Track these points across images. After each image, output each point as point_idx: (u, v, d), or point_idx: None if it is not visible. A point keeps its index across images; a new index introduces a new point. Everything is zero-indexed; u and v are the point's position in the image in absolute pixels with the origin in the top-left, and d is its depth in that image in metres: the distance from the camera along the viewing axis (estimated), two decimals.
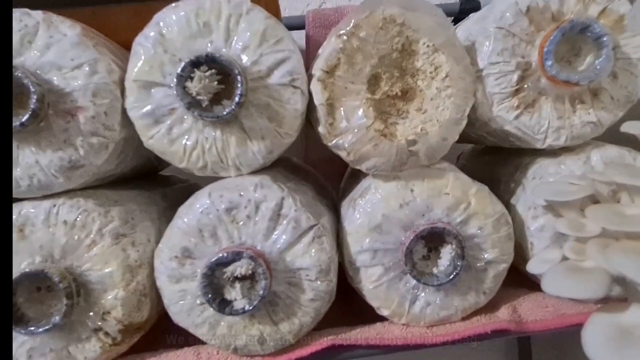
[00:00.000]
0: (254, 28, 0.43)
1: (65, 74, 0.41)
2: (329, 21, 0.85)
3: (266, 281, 0.42)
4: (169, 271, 0.44)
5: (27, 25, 0.41)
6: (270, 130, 0.44)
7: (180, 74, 0.41)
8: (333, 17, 0.85)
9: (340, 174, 0.84)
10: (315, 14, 0.84)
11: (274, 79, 0.44)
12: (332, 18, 0.85)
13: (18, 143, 0.41)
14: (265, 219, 0.44)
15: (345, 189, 0.63)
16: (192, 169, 0.45)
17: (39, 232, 0.42)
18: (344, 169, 0.86)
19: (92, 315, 0.43)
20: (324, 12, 0.86)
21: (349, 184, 0.61)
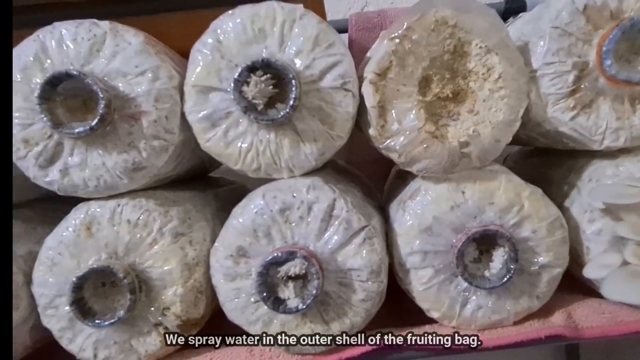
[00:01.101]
0: (307, 33, 0.44)
1: (130, 80, 0.44)
2: (372, 24, 0.86)
3: (319, 281, 0.42)
4: (224, 269, 0.45)
5: (95, 35, 0.44)
6: (323, 132, 0.45)
7: (237, 79, 0.42)
8: (376, 19, 0.86)
9: (384, 176, 0.84)
10: (358, 17, 0.85)
11: (326, 83, 0.45)
12: (375, 21, 0.86)
13: (87, 146, 0.44)
14: (317, 219, 0.45)
15: (391, 190, 0.63)
16: (247, 170, 0.46)
17: (105, 231, 0.45)
18: (387, 170, 0.86)
19: (153, 311, 0.45)
20: (367, 15, 0.86)
21: (396, 185, 0.61)
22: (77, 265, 0.45)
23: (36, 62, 0.43)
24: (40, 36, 0.44)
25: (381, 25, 0.85)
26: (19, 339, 0.47)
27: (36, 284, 0.46)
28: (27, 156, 0.44)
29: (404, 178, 0.58)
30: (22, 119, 0.43)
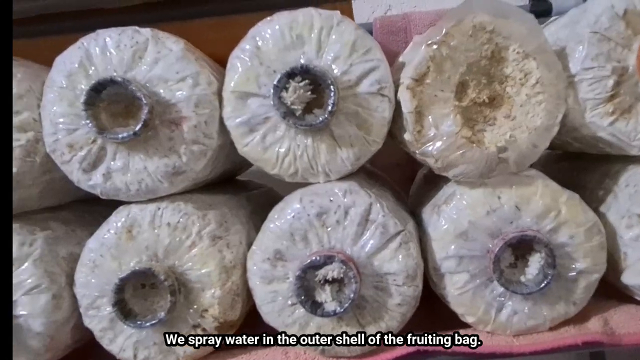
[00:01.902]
0: (344, 39, 0.45)
1: (171, 86, 0.45)
2: (396, 27, 0.86)
3: (356, 285, 0.43)
4: (261, 272, 0.46)
5: (138, 42, 0.45)
6: (359, 137, 0.46)
7: (277, 85, 0.43)
8: (401, 23, 0.86)
9: (407, 180, 0.84)
10: (383, 21, 0.85)
11: (363, 88, 0.45)
12: (400, 24, 0.86)
13: (129, 151, 0.45)
14: (354, 224, 0.45)
15: (421, 194, 0.64)
16: (283, 175, 0.47)
17: (145, 233, 0.46)
18: (411, 174, 0.86)
19: (191, 312, 0.46)
20: (392, 18, 0.86)
21: (425, 190, 0.61)
22: (118, 267, 0.46)
23: (81, 68, 0.44)
24: (85, 43, 0.45)
25: (406, 29, 0.86)
26: (60, 338, 0.48)
27: (78, 285, 0.47)
28: (71, 160, 0.45)
29: (434, 182, 0.58)
30: (66, 124, 0.44)
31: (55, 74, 0.45)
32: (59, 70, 0.45)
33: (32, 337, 0.46)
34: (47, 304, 0.46)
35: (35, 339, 0.46)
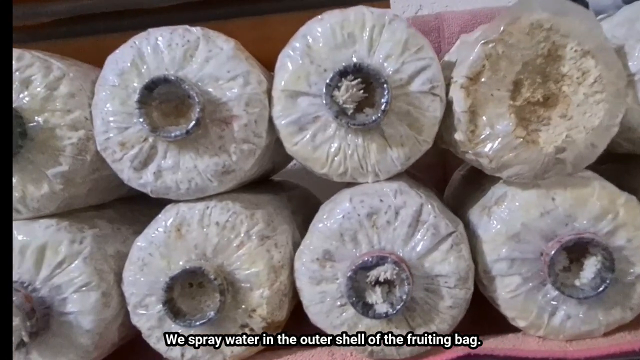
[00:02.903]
0: (396, 37, 0.44)
1: (222, 85, 0.45)
2: (429, 27, 0.85)
3: (409, 287, 0.42)
4: (310, 273, 0.46)
5: (189, 41, 0.45)
6: (410, 137, 0.45)
7: (329, 84, 0.43)
8: (433, 23, 0.85)
9: (439, 181, 0.83)
10: (415, 21, 0.84)
11: (414, 87, 0.45)
12: (433, 24, 0.85)
13: (179, 150, 0.45)
14: (404, 224, 0.44)
15: (460, 196, 0.63)
16: (332, 174, 0.47)
17: (194, 232, 0.46)
18: (444, 176, 0.85)
19: (239, 312, 0.46)
20: (424, 18, 0.85)
21: (467, 191, 0.60)
22: (167, 266, 0.46)
23: (133, 67, 0.45)
24: (137, 42, 0.45)
25: (438, 29, 0.85)
26: (108, 336, 0.48)
27: (127, 283, 0.47)
28: (122, 159, 0.45)
29: (477, 183, 0.57)
30: (118, 122, 0.45)
31: (107, 73, 0.45)
32: (111, 69, 0.45)
33: (82, 335, 0.46)
34: (96, 301, 0.46)
35: (84, 336, 0.46)
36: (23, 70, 0.45)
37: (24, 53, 0.46)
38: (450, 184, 0.77)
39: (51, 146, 0.45)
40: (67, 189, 0.47)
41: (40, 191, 0.46)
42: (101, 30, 0.71)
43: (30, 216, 0.47)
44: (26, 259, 0.45)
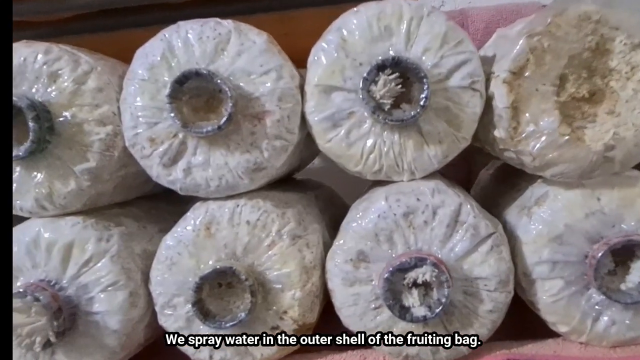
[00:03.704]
0: (435, 30, 0.43)
1: (254, 79, 0.43)
2: None
3: (448, 289, 0.40)
4: (343, 274, 0.44)
5: (220, 34, 0.43)
6: (449, 134, 0.44)
7: (366, 78, 0.41)
8: (458, 19, 0.83)
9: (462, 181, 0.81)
10: None
11: (453, 82, 0.43)
12: (457, 20, 0.83)
13: (210, 146, 0.43)
14: (442, 225, 0.43)
15: (491, 195, 0.61)
16: (366, 172, 0.45)
17: (224, 231, 0.44)
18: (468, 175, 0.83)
19: (270, 314, 0.44)
20: (449, 14, 0.84)
21: (499, 190, 0.58)
22: (196, 265, 0.44)
23: (163, 61, 0.43)
24: (167, 35, 0.44)
25: (462, 25, 0.83)
26: (135, 337, 0.47)
27: (154, 283, 0.46)
28: (151, 155, 0.44)
29: (510, 183, 0.55)
30: (147, 117, 0.43)
31: (136, 67, 0.44)
32: (141, 62, 0.44)
33: (109, 335, 0.45)
34: (124, 301, 0.45)
35: (111, 336, 0.45)
36: (51, 64, 0.44)
37: (51, 46, 0.45)
38: (477, 183, 0.75)
39: (79, 142, 0.44)
40: (94, 186, 0.46)
41: (67, 188, 0.45)
42: (123, 25, 0.70)
43: (56, 213, 0.46)
44: (53, 257, 0.44)
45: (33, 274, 0.45)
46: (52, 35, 0.69)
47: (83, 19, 0.68)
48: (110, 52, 0.54)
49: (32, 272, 0.45)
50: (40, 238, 0.45)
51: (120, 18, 0.70)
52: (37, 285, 0.43)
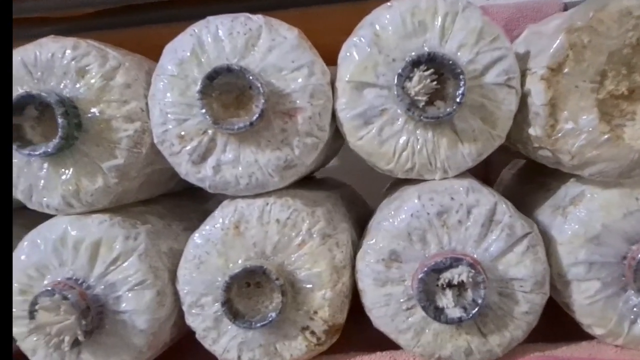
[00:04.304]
0: (471, 26, 0.42)
1: (285, 75, 0.42)
2: None
3: (485, 290, 0.40)
4: (374, 274, 0.43)
5: (251, 29, 0.43)
6: (484, 131, 0.43)
7: (401, 74, 0.40)
8: None
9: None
10: None
11: (489, 78, 0.42)
12: None
13: (239, 143, 0.43)
14: (477, 224, 0.42)
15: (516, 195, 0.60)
16: (398, 170, 0.44)
17: (253, 230, 0.44)
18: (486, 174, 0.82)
19: (300, 314, 0.44)
20: None
21: (525, 189, 0.57)
22: (224, 264, 0.44)
23: (193, 56, 0.43)
24: (196, 30, 0.43)
25: None
26: (161, 336, 0.46)
27: (182, 282, 0.45)
28: (181, 152, 0.43)
29: (539, 182, 0.54)
30: (177, 114, 0.43)
31: (165, 62, 0.44)
32: (170, 58, 0.43)
33: (136, 335, 0.44)
34: (151, 300, 0.44)
35: (138, 336, 0.44)
36: (79, 60, 0.43)
37: (79, 42, 0.44)
38: (499, 182, 0.74)
39: (106, 138, 0.44)
40: (121, 183, 0.45)
41: (94, 185, 0.44)
42: (143, 22, 0.69)
43: (83, 211, 0.46)
44: (80, 255, 0.44)
45: (60, 272, 0.44)
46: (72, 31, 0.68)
47: (103, 15, 0.68)
48: (130, 49, 0.53)
49: (59, 270, 0.44)
50: (68, 236, 0.44)
51: (140, 14, 0.69)
52: (64, 283, 0.43)
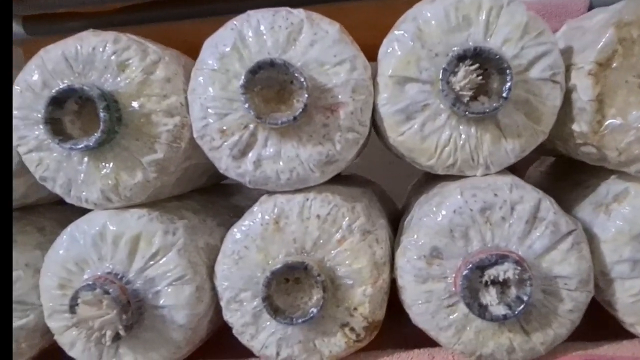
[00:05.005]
0: (516, 20, 0.41)
1: (327, 70, 0.42)
2: None
3: (531, 288, 0.39)
4: (415, 271, 0.43)
5: (292, 23, 0.42)
6: (528, 127, 0.42)
7: (446, 69, 0.40)
8: None
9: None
10: None
11: (534, 74, 0.42)
12: None
13: (281, 138, 0.42)
14: (521, 221, 0.41)
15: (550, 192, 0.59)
16: (439, 166, 0.44)
17: (293, 225, 0.43)
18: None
19: (341, 310, 0.43)
20: None
21: (558, 187, 0.57)
22: (264, 260, 0.44)
23: (234, 51, 0.42)
24: (237, 24, 0.43)
25: None
26: (199, 331, 0.46)
27: (220, 277, 0.45)
28: (221, 146, 0.43)
29: (574, 179, 0.54)
30: (217, 108, 0.42)
31: (206, 56, 0.43)
32: (210, 52, 0.43)
33: (175, 330, 0.44)
34: (191, 295, 0.44)
35: (177, 331, 0.44)
36: (120, 54, 0.43)
37: (120, 36, 0.44)
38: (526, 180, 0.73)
39: (146, 133, 0.44)
40: (160, 178, 0.45)
41: (133, 179, 0.44)
42: (171, 17, 0.69)
43: (120, 205, 0.46)
44: (119, 250, 0.44)
45: (99, 266, 0.44)
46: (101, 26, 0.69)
47: (131, 11, 0.67)
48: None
49: (98, 265, 0.44)
50: (107, 230, 0.44)
51: (169, 10, 0.69)
52: (105, 277, 0.42)
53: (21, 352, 0.47)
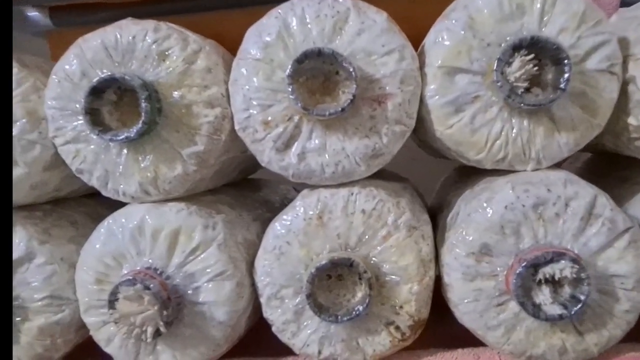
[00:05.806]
0: (572, 9, 0.40)
1: (375, 60, 0.41)
2: None
3: (588, 287, 0.38)
4: (463, 268, 0.41)
5: (338, 12, 0.41)
6: (584, 120, 0.41)
7: (501, 59, 0.38)
8: None
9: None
10: None
11: (591, 64, 0.40)
12: None
13: (326, 130, 0.41)
14: (576, 217, 0.40)
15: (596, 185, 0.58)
16: (489, 160, 0.42)
17: (337, 220, 0.42)
18: None
19: (386, 308, 0.42)
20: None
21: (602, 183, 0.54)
22: (306, 256, 0.42)
23: (278, 40, 0.41)
24: (282, 13, 0.42)
25: None
26: (238, 328, 0.45)
27: (260, 273, 0.44)
28: (264, 139, 0.42)
29: (619, 176, 0.52)
30: (261, 99, 0.41)
31: (249, 46, 0.42)
32: (254, 41, 0.42)
33: (214, 327, 0.43)
34: (231, 292, 0.43)
35: (216, 328, 0.43)
36: (160, 43, 0.42)
37: (160, 24, 0.43)
38: None
39: (187, 124, 0.42)
40: (199, 171, 0.44)
41: (173, 172, 0.43)
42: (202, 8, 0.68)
43: (158, 199, 0.45)
44: (159, 245, 0.43)
45: (138, 261, 0.43)
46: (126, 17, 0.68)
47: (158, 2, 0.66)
48: None
49: (136, 260, 0.43)
50: (145, 224, 0.43)
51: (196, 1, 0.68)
52: (145, 272, 0.41)
53: (57, 348, 0.46)
